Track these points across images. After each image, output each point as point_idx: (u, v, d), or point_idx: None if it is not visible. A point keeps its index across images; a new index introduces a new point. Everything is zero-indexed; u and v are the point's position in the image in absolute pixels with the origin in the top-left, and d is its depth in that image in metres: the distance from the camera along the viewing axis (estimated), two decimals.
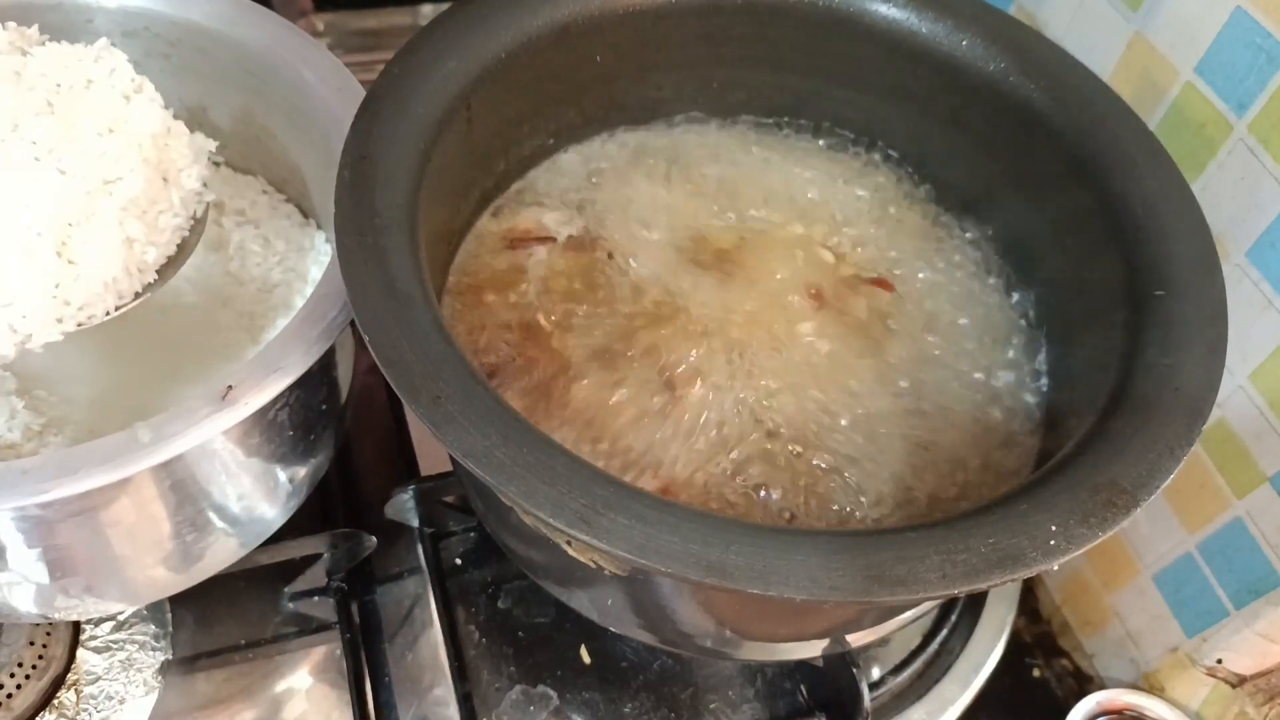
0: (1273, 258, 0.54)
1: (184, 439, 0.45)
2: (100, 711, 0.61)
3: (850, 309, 0.59)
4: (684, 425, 0.53)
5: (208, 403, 0.46)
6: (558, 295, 0.58)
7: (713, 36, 0.63)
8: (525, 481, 0.39)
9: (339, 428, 0.60)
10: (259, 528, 0.57)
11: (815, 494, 0.52)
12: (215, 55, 0.61)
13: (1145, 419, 0.45)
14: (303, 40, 0.61)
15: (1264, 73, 0.53)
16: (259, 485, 0.54)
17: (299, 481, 0.57)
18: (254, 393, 0.46)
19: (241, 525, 0.55)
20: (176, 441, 0.45)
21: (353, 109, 0.51)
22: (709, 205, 0.64)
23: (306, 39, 0.61)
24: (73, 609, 0.54)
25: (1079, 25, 0.65)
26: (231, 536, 0.55)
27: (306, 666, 0.65)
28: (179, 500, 0.49)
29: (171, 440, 0.44)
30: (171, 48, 0.62)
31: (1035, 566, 0.39)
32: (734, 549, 0.38)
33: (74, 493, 0.43)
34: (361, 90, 0.57)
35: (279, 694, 0.64)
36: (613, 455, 0.52)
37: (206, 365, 0.58)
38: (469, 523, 0.71)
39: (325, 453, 0.59)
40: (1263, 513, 0.57)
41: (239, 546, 0.56)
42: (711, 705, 0.66)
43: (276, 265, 0.63)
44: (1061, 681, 0.73)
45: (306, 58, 0.60)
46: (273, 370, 0.47)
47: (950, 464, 0.54)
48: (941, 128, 0.63)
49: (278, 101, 0.62)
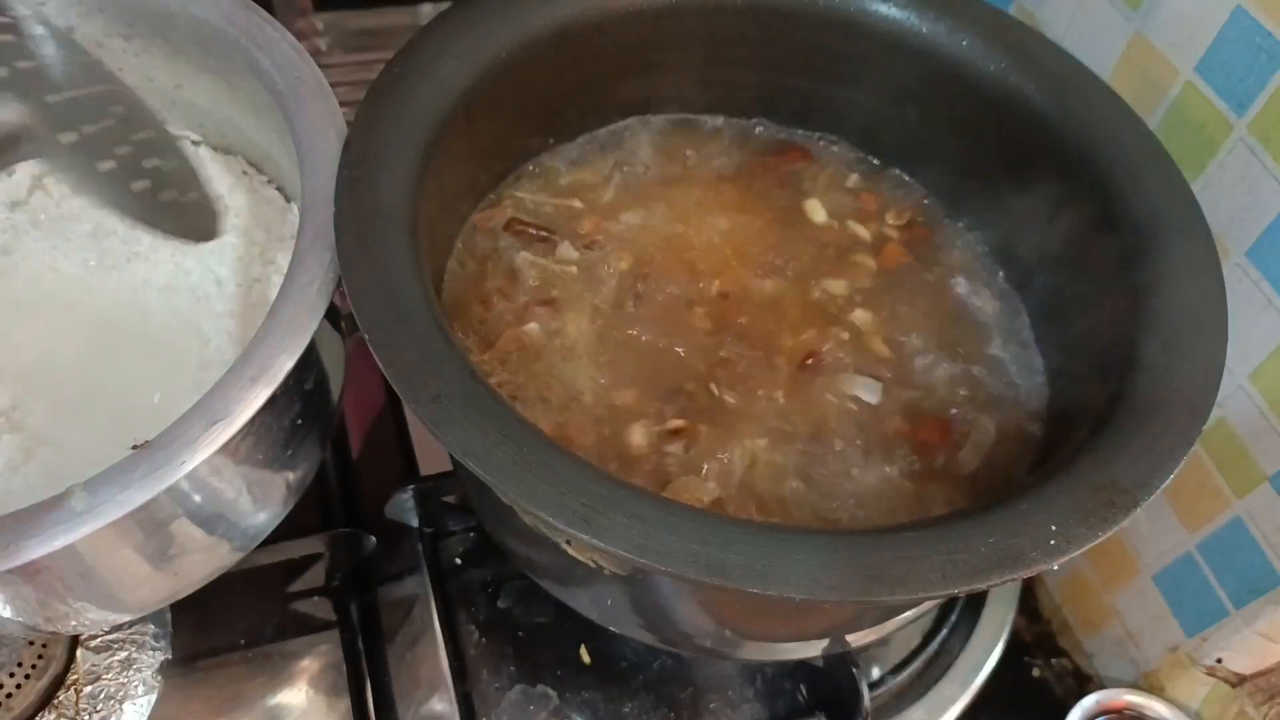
0: (1273, 257, 0.54)
1: (121, 505, 0.41)
2: (100, 711, 0.61)
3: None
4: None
5: (142, 460, 0.42)
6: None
7: (713, 36, 0.63)
8: (525, 481, 0.39)
9: (327, 430, 0.58)
10: (251, 533, 0.55)
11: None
12: (171, 35, 0.59)
13: (1145, 419, 0.45)
14: (260, 24, 0.57)
15: (1264, 72, 0.53)
16: (247, 495, 0.51)
17: (290, 486, 0.55)
18: (189, 451, 0.43)
19: (233, 532, 0.53)
20: (112, 508, 0.41)
21: (311, 99, 0.50)
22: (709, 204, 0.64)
23: (264, 22, 0.57)
24: (58, 627, 0.53)
25: (1079, 25, 0.65)
26: (221, 544, 0.53)
27: (306, 666, 0.65)
28: (153, 527, 0.47)
29: (107, 507, 0.41)
30: (130, 28, 0.59)
31: (1035, 566, 0.39)
32: (734, 548, 0.38)
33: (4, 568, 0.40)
34: (322, 79, 0.55)
35: (279, 693, 0.64)
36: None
37: (188, 373, 0.56)
38: (469, 523, 0.71)
39: (312, 459, 0.57)
40: (1262, 512, 0.57)
41: (230, 552, 0.54)
42: (711, 705, 0.66)
43: (258, 258, 0.60)
44: (1061, 681, 0.73)
45: (263, 43, 0.56)
46: (212, 423, 0.43)
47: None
48: (941, 127, 0.63)
49: (238, 84, 0.59)
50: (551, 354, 0.55)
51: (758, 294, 0.59)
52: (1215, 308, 0.48)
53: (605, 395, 0.54)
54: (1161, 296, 0.49)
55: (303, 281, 0.47)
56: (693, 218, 0.63)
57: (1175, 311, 0.48)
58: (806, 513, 0.51)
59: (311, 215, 0.49)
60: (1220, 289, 0.49)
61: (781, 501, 0.51)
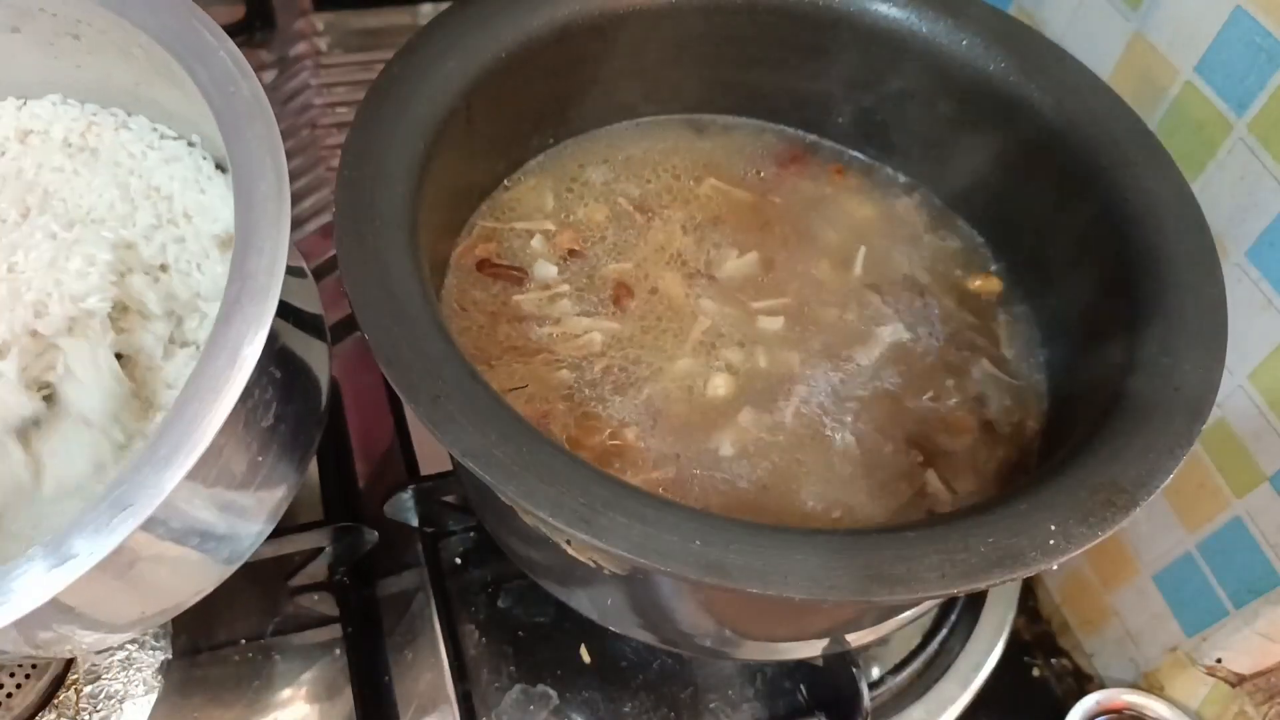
0: (1272, 257, 0.54)
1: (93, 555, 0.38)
2: (100, 710, 0.61)
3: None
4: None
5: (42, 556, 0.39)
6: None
7: (713, 36, 0.63)
8: (524, 480, 0.39)
9: (311, 442, 0.55)
10: (241, 548, 0.53)
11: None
12: (116, 38, 0.54)
13: (1145, 418, 0.45)
14: (196, 29, 0.50)
15: (1264, 72, 0.53)
16: (227, 516, 0.49)
17: (278, 499, 0.53)
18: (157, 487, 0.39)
19: (221, 548, 0.51)
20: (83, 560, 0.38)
21: (246, 118, 0.46)
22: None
23: (199, 26, 0.51)
24: (54, 652, 0.52)
25: (1079, 25, 0.65)
26: (209, 561, 0.51)
27: (307, 663, 0.65)
28: (128, 563, 0.44)
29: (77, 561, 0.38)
30: (75, 27, 0.55)
31: (1035, 566, 0.39)
32: (733, 548, 0.38)
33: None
34: (264, 99, 0.49)
35: (280, 692, 0.64)
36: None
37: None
38: (469, 522, 0.71)
39: (297, 472, 0.54)
40: (1262, 512, 0.57)
41: (223, 566, 0.53)
42: (711, 704, 0.66)
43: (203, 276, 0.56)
44: (1061, 681, 0.73)
45: (199, 51, 0.49)
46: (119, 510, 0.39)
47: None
48: (941, 127, 0.63)
49: (190, 91, 0.52)
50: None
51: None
52: (1215, 308, 0.48)
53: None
54: (1161, 296, 0.49)
55: (234, 333, 0.42)
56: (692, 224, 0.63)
57: (1175, 311, 0.48)
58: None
59: (240, 262, 0.44)
60: (1220, 289, 0.49)
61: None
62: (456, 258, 0.58)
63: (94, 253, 0.51)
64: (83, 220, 0.54)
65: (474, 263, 0.58)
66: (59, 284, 0.50)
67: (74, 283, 0.50)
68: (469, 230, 0.60)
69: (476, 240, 0.59)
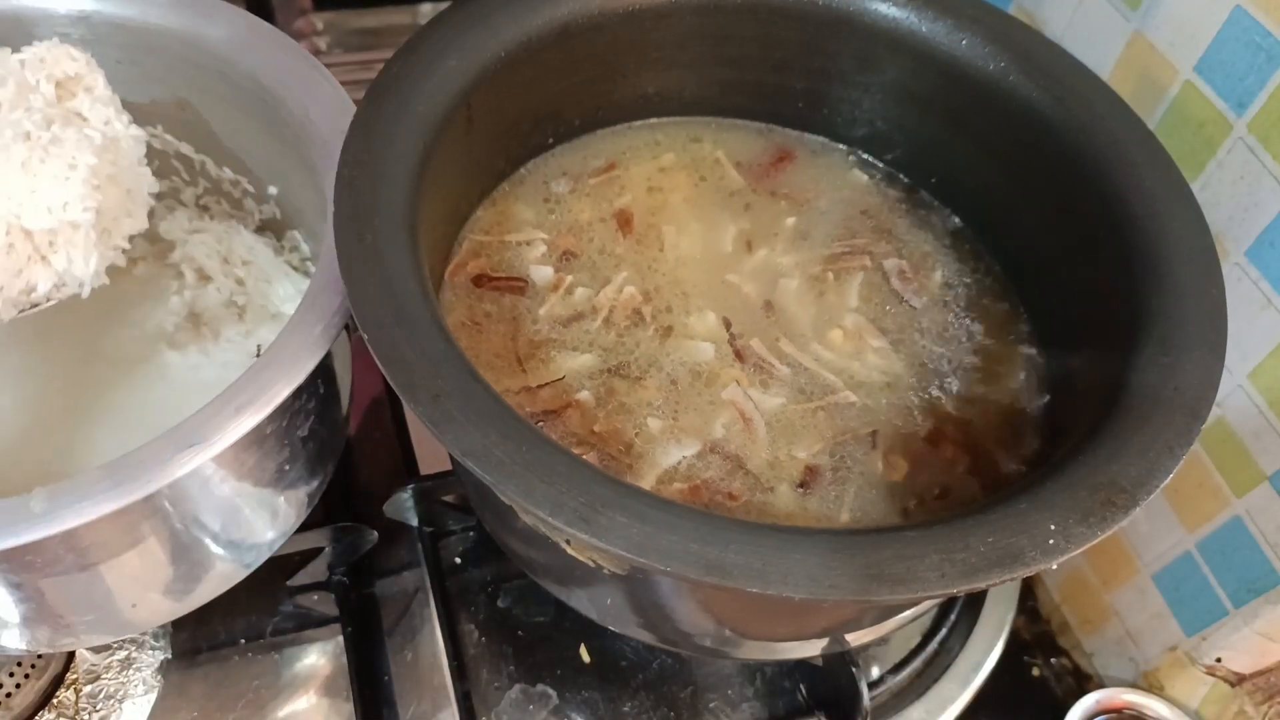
0: (1272, 257, 0.54)
1: (79, 514, 0.41)
2: (100, 710, 0.61)
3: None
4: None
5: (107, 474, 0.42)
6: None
7: (713, 36, 0.63)
8: (524, 480, 0.39)
9: (335, 449, 0.58)
10: (260, 550, 0.56)
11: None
12: (173, 54, 0.59)
13: (1145, 418, 0.45)
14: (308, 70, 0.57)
15: (1263, 71, 0.53)
16: (249, 515, 0.52)
17: (300, 504, 0.56)
18: (156, 472, 0.42)
19: (238, 550, 0.54)
20: (69, 515, 0.41)
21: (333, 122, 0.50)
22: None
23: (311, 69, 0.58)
24: (58, 645, 0.53)
25: (1078, 24, 0.65)
26: (227, 563, 0.54)
27: (308, 663, 0.65)
28: (167, 532, 0.47)
29: (64, 514, 0.41)
30: (124, 51, 0.59)
31: (1034, 565, 0.39)
32: (733, 548, 0.38)
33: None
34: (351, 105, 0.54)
35: (279, 690, 0.64)
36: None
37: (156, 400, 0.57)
38: (468, 522, 0.71)
39: (320, 477, 0.57)
40: (1262, 512, 0.57)
41: (239, 569, 0.55)
42: (711, 704, 0.66)
43: (238, 288, 0.60)
44: (1061, 680, 0.73)
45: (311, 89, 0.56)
46: (186, 447, 0.43)
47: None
48: (941, 127, 0.63)
49: (279, 131, 0.59)
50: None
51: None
52: (1215, 307, 0.48)
53: None
54: (1161, 296, 0.49)
55: (309, 320, 0.48)
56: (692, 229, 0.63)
57: (1175, 311, 0.48)
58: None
59: (329, 260, 0.48)
60: (1220, 288, 0.49)
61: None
62: (449, 275, 0.58)
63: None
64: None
65: (469, 279, 0.58)
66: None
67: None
68: (459, 244, 0.60)
69: (466, 257, 0.59)
